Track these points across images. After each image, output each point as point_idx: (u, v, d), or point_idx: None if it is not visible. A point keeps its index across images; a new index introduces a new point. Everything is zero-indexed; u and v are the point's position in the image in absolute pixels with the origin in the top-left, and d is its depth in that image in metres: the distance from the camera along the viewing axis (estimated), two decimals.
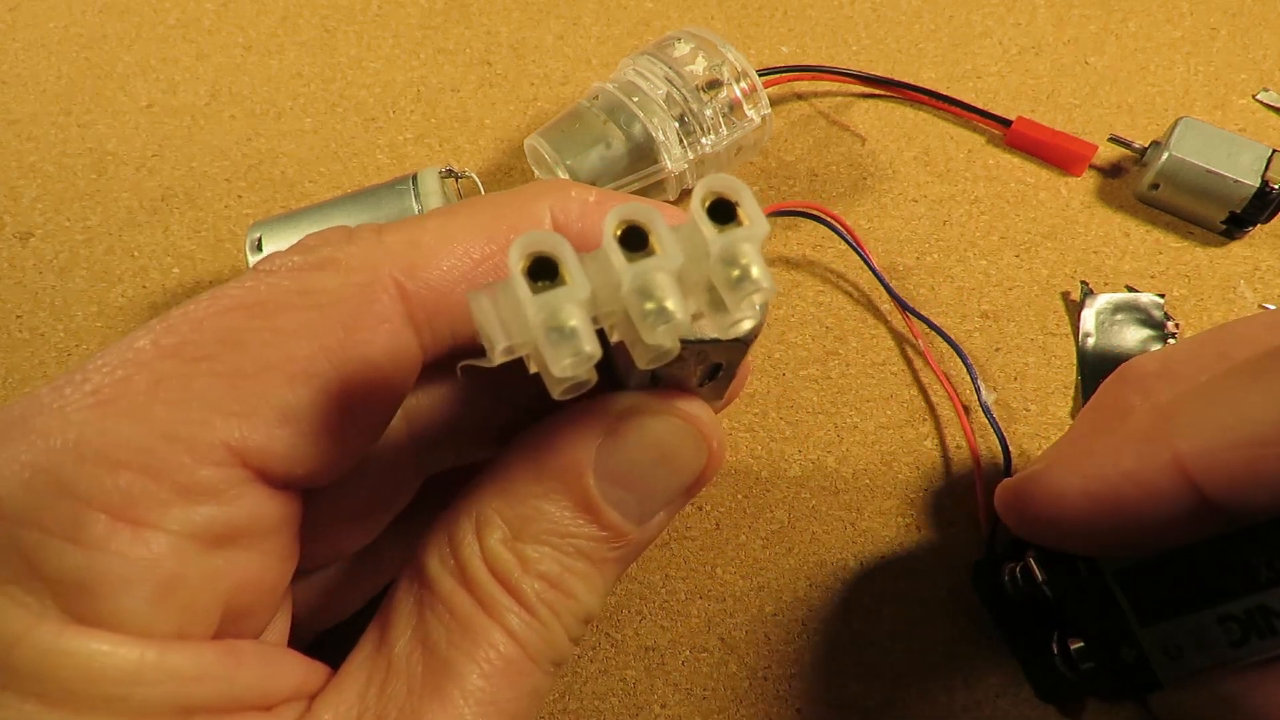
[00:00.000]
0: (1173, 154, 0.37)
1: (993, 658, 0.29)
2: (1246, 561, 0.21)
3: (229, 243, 0.39)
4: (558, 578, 0.17)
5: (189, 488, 0.15)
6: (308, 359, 0.16)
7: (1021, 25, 0.46)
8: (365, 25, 0.47)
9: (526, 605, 0.17)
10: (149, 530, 0.14)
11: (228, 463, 0.15)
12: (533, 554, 0.17)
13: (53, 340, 0.37)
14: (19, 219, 0.40)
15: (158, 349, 0.15)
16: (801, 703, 0.28)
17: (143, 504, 0.14)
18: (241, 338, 0.16)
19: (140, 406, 0.15)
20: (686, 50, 0.37)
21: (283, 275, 0.17)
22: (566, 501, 0.17)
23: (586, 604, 0.18)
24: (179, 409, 0.15)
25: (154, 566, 0.14)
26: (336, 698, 0.16)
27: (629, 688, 0.29)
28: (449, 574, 0.17)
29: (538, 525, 0.17)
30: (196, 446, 0.15)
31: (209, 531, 0.15)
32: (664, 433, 0.18)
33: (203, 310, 0.16)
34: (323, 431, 0.16)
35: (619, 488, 0.17)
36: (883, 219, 0.39)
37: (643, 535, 0.18)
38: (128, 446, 0.14)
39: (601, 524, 0.17)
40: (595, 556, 0.17)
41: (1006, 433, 0.33)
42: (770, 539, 0.31)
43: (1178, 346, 0.24)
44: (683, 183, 0.38)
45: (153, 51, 0.46)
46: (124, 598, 0.14)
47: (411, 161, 0.42)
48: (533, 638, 0.17)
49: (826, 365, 0.35)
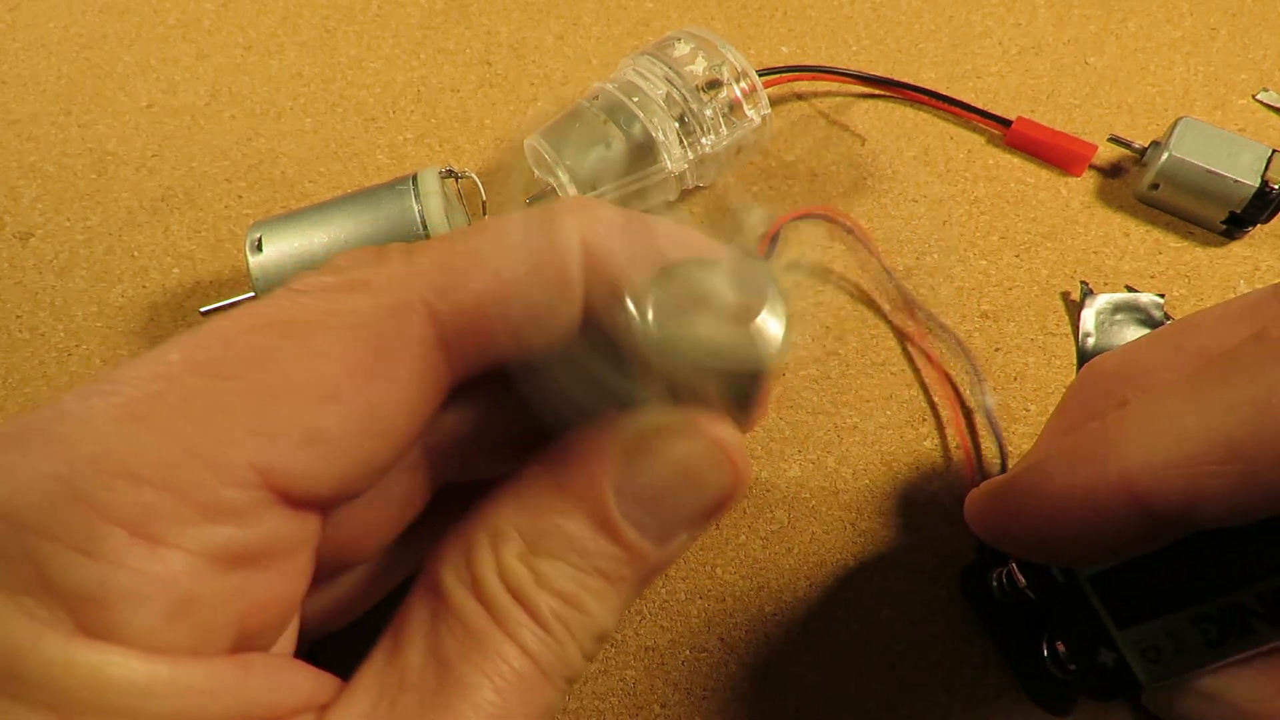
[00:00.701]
0: (1173, 154, 0.37)
1: (992, 657, 0.29)
2: (1219, 561, 0.21)
3: (229, 243, 0.39)
4: (573, 595, 0.17)
5: (211, 507, 0.15)
6: (336, 381, 0.16)
7: (1021, 25, 0.46)
8: (365, 25, 0.47)
9: (541, 621, 0.17)
10: (166, 548, 0.14)
11: (252, 483, 0.15)
12: (549, 570, 0.17)
13: (53, 340, 0.37)
14: (19, 219, 0.40)
15: (188, 364, 0.15)
16: (801, 703, 0.28)
17: (163, 521, 0.14)
18: (271, 357, 0.16)
19: (168, 422, 0.15)
20: (686, 50, 0.37)
21: (314, 295, 0.17)
22: (585, 519, 0.17)
23: (602, 622, 0.17)
24: (206, 427, 0.15)
25: (169, 584, 0.14)
26: (347, 710, 0.16)
27: (629, 688, 0.29)
28: (463, 586, 0.17)
29: (555, 541, 0.17)
30: (221, 465, 0.15)
31: (228, 551, 0.15)
32: (688, 454, 0.17)
33: (234, 327, 0.16)
34: (347, 454, 0.16)
35: (639, 507, 0.17)
36: (883, 219, 0.39)
37: (662, 556, 0.18)
38: (152, 462, 0.14)
39: (620, 543, 0.17)
40: (612, 575, 0.17)
41: (1006, 434, 0.33)
42: (770, 539, 0.31)
43: (1136, 343, 0.24)
44: (683, 183, 0.38)
45: (153, 51, 0.46)
46: (137, 613, 0.14)
47: (411, 161, 0.42)
48: (547, 653, 0.17)
49: (826, 365, 0.35)
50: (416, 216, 0.33)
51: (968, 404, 0.33)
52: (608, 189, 0.36)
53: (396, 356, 0.17)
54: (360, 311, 0.17)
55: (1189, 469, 0.18)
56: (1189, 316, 0.24)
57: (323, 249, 0.34)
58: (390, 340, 0.17)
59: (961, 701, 0.28)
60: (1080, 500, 0.20)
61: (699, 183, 0.39)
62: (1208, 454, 0.18)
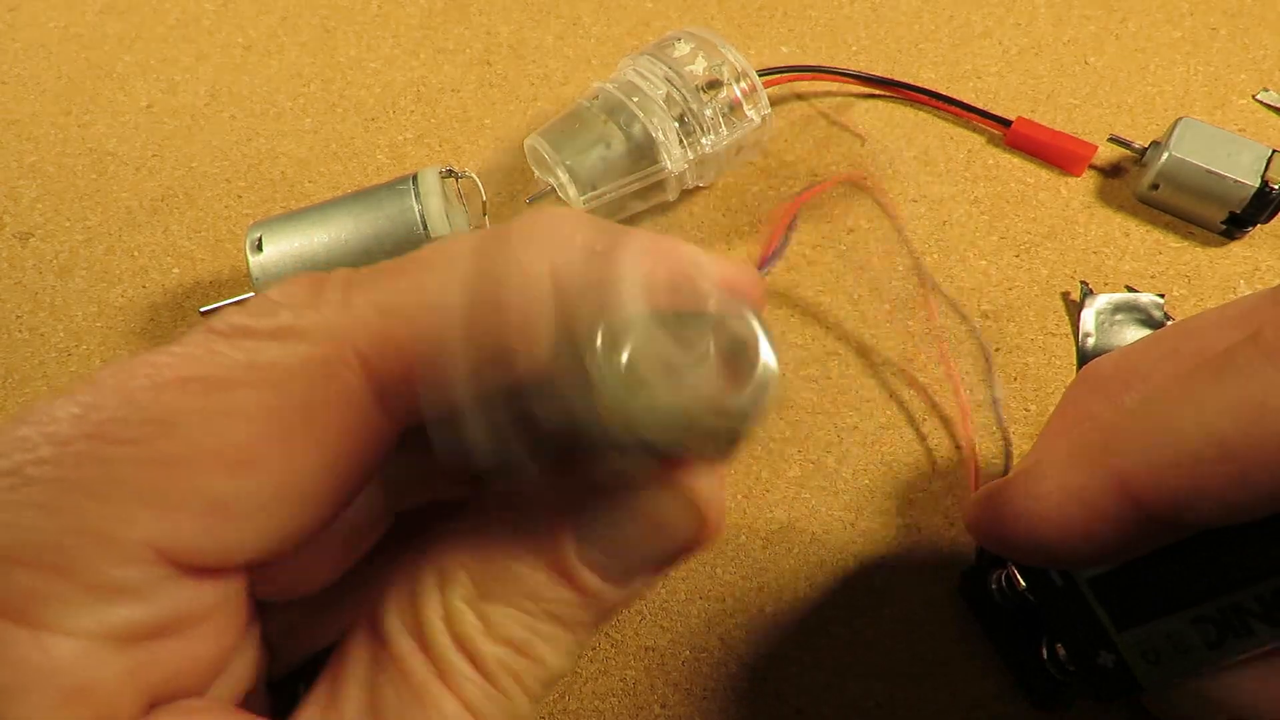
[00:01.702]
0: (1173, 154, 0.37)
1: (992, 657, 0.29)
2: (1218, 561, 0.21)
3: (229, 243, 0.39)
4: (524, 642, 0.16)
5: (103, 587, 0.14)
6: (250, 445, 0.15)
7: (1021, 25, 0.46)
8: (365, 25, 0.47)
9: (487, 673, 0.15)
10: (51, 634, 0.13)
11: (148, 560, 0.14)
12: (498, 616, 0.16)
13: (53, 340, 0.37)
14: (19, 219, 0.40)
15: (81, 425, 0.14)
16: (801, 703, 0.28)
17: (46, 605, 0.13)
18: (176, 419, 0.14)
19: (53, 496, 0.13)
20: (686, 50, 0.37)
21: (233, 344, 0.15)
22: (540, 563, 0.16)
23: (553, 668, 0.16)
24: (97, 500, 0.14)
25: (56, 675, 0.13)
26: None
27: (629, 688, 0.29)
28: (407, 632, 0.16)
29: (506, 585, 0.16)
30: (112, 543, 0.14)
31: (127, 631, 0.14)
32: (657, 505, 0.16)
33: (137, 382, 0.14)
34: (263, 523, 0.15)
35: (600, 552, 0.16)
36: (883, 219, 0.39)
37: (620, 597, 0.17)
38: (34, 544, 0.13)
39: (577, 587, 0.16)
40: (567, 619, 0.16)
41: (1008, 434, 0.33)
42: (770, 539, 0.31)
43: (1134, 346, 0.24)
44: (683, 183, 0.38)
45: (153, 51, 0.46)
46: (20, 708, 0.13)
47: (411, 161, 0.42)
48: (491, 709, 0.16)
49: (826, 365, 0.35)
50: (416, 216, 0.33)
51: (966, 406, 0.33)
52: (608, 189, 0.36)
53: (323, 416, 0.15)
54: (283, 366, 0.15)
55: (1184, 469, 0.18)
56: (1186, 319, 0.24)
57: (323, 249, 0.34)
58: (316, 398, 0.15)
59: (962, 702, 0.28)
60: (1075, 501, 0.20)
61: (699, 183, 0.39)
62: (1202, 454, 0.18)
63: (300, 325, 0.15)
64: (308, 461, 0.15)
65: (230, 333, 0.15)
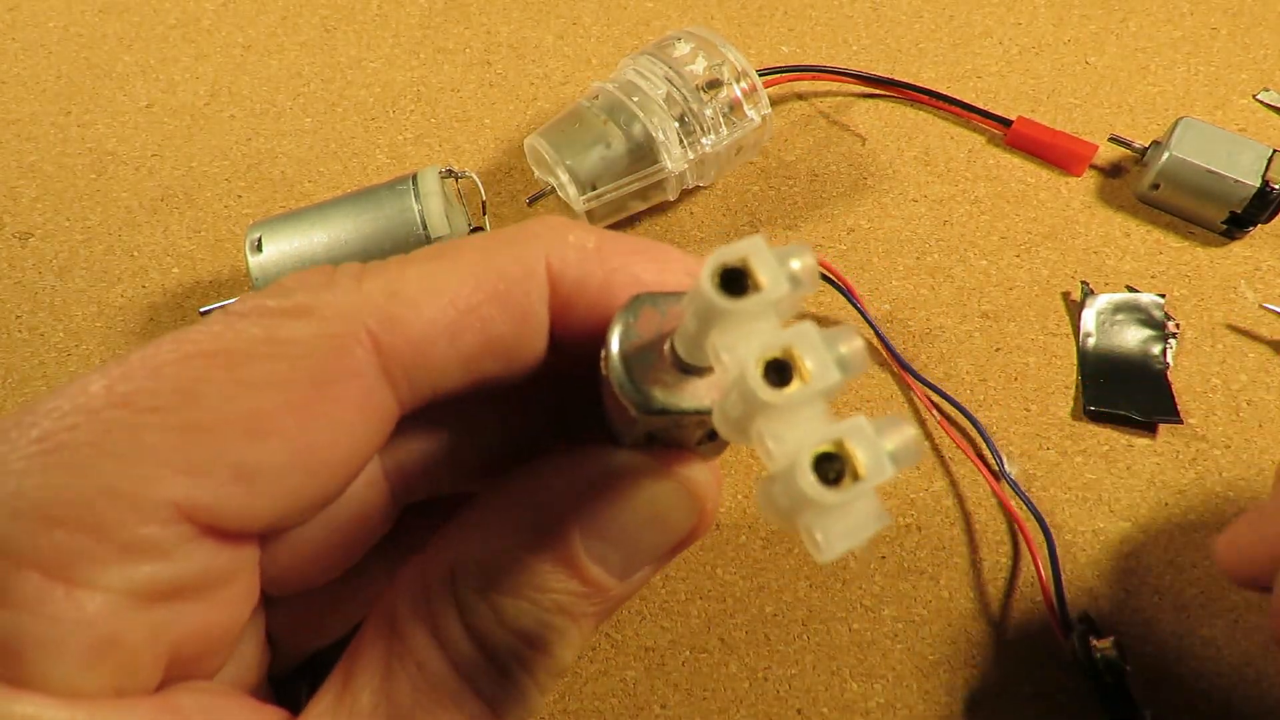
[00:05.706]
0: (1173, 154, 0.37)
1: (993, 657, 0.29)
2: None
3: (229, 243, 0.39)
4: (534, 634, 0.16)
5: (131, 545, 0.14)
6: (270, 414, 0.15)
7: (1021, 25, 0.46)
8: (365, 25, 0.47)
9: (500, 665, 0.16)
10: (83, 590, 0.14)
11: (174, 520, 0.15)
12: (510, 608, 0.16)
13: (52, 340, 0.37)
14: (19, 219, 0.40)
15: (110, 396, 0.15)
16: (801, 703, 0.28)
17: (79, 562, 0.14)
18: (201, 389, 0.15)
19: (85, 459, 0.14)
20: (686, 50, 0.37)
21: (252, 321, 0.16)
22: (548, 554, 0.16)
23: (561, 660, 0.17)
24: (125, 463, 0.14)
25: (87, 628, 0.14)
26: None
27: (629, 688, 0.29)
28: (421, 625, 0.16)
29: (517, 577, 0.16)
30: (141, 503, 0.14)
31: (151, 588, 0.15)
32: (658, 495, 0.17)
33: (163, 356, 0.15)
34: (281, 489, 0.16)
35: (604, 544, 0.17)
36: (883, 219, 0.39)
37: (624, 590, 0.18)
38: (67, 501, 0.14)
39: (583, 579, 0.17)
40: (574, 611, 0.17)
41: (1008, 434, 0.33)
42: (770, 539, 0.31)
43: None
44: (683, 182, 0.38)
45: (153, 51, 0.46)
46: (53, 660, 0.14)
47: (411, 161, 0.42)
48: (504, 699, 0.16)
49: None
50: (416, 216, 0.33)
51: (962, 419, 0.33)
52: (608, 189, 0.36)
53: (336, 390, 0.16)
54: (300, 341, 0.16)
55: None
56: None
57: (323, 249, 0.34)
58: (330, 373, 0.16)
59: (962, 702, 0.28)
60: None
61: (699, 182, 0.39)
62: None
63: (315, 304, 0.16)
64: (321, 431, 0.16)
65: (249, 312, 0.16)
